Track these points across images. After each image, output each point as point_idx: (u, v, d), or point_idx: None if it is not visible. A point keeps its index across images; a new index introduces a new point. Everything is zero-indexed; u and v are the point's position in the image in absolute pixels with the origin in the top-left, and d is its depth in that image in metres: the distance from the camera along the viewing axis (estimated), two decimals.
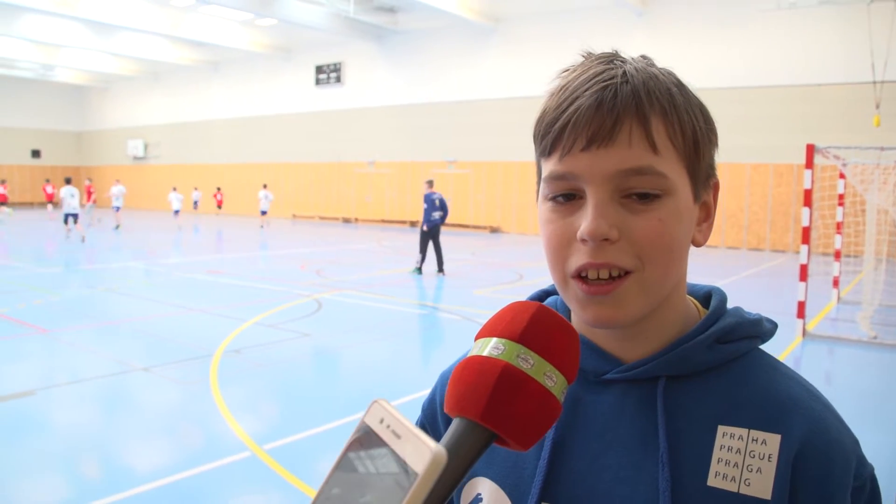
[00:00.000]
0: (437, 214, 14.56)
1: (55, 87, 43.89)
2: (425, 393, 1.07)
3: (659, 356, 0.86)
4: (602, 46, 0.92)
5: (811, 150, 9.36)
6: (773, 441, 0.80)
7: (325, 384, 7.27)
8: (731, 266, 17.28)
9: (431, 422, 1.02)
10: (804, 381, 0.87)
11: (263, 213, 28.21)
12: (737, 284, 14.15)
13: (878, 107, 16.76)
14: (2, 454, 5.02)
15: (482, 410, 0.64)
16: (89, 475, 4.75)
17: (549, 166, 0.83)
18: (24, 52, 34.58)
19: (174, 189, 30.65)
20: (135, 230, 26.97)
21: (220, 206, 33.23)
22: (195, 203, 33.80)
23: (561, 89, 0.83)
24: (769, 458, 0.79)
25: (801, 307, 9.14)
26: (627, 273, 0.80)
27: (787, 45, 20.67)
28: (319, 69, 32.66)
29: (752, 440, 0.80)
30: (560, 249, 0.83)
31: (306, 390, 6.96)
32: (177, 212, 29.18)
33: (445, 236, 24.33)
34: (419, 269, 14.75)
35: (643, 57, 0.88)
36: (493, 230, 27.65)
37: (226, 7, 25.81)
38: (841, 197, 12.59)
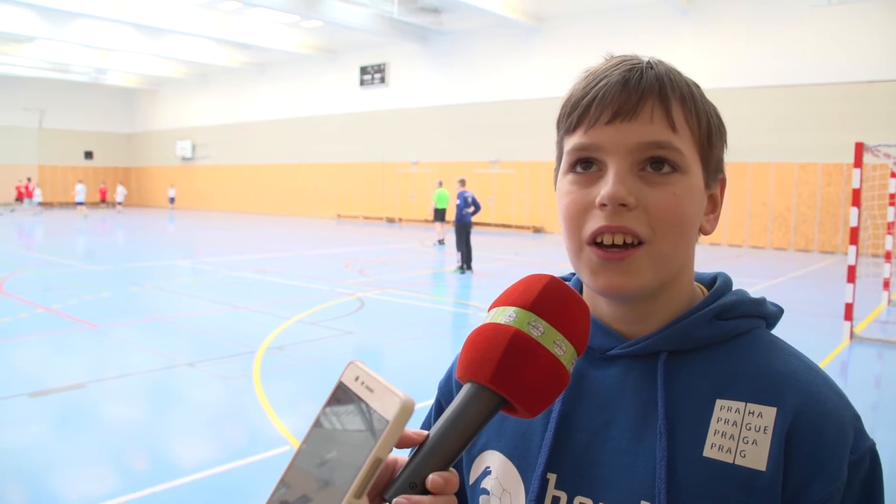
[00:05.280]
0: (468, 211, 14.91)
1: (107, 90, 44.87)
2: None
3: (661, 332, 0.89)
4: (647, 45, 0.99)
5: (860, 148, 9.17)
6: (769, 414, 0.82)
7: None
8: (777, 267, 16.99)
9: (447, 399, 1.05)
10: (804, 358, 0.88)
11: (80, 203, 34.66)
12: (784, 286, 13.92)
13: None
14: (52, 444, 5.19)
15: (491, 374, 0.68)
16: (136, 466, 4.87)
17: (573, 140, 0.88)
18: (78, 56, 35.42)
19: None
20: (185, 229, 27.50)
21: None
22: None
23: (588, 75, 0.90)
24: (765, 430, 0.81)
25: (849, 309, 8.95)
26: (640, 243, 0.84)
27: (836, 41, 20.21)
28: (364, 70, 32.87)
29: (749, 413, 0.82)
30: (577, 217, 0.87)
31: None
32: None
33: (489, 236, 24.36)
34: (462, 268, 14.78)
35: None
36: (537, 230, 27.54)
37: (272, 9, 26.11)
38: (892, 196, 12.28)
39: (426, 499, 0.64)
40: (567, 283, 1.01)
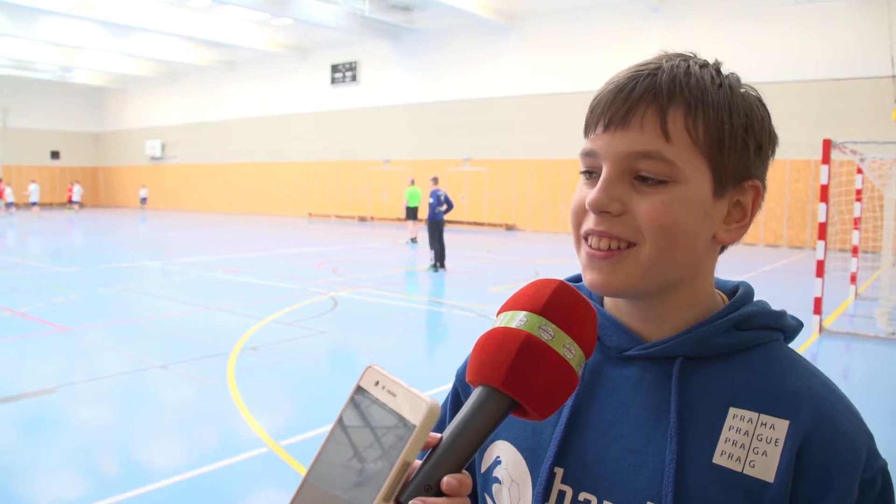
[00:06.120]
0: (441, 209, 15.02)
1: (74, 89, 44.22)
2: (442, 388, 1.10)
3: (678, 336, 0.89)
4: (618, 43, 0.98)
5: (828, 145, 9.30)
6: (782, 426, 0.82)
7: (342, 380, 7.31)
8: (748, 262, 17.18)
9: (464, 389, 1.06)
10: (822, 376, 0.89)
11: (34, 203, 34.27)
12: (753, 281, 13.95)
13: None
14: (22, 450, 5.11)
15: (504, 378, 0.69)
16: (108, 471, 4.81)
17: (583, 145, 0.92)
18: (44, 54, 34.87)
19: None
20: (155, 229, 27.22)
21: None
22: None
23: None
24: (776, 442, 0.81)
25: (818, 303, 9.09)
26: (630, 246, 0.86)
27: (806, 39, 20.50)
28: (335, 68, 32.75)
29: (762, 424, 0.83)
30: (578, 215, 0.91)
31: (323, 387, 7.01)
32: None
33: (461, 234, 24.39)
34: (435, 267, 14.78)
35: (709, 62, 0.92)
36: (509, 228, 27.64)
37: (241, 7, 25.94)
38: (858, 192, 12.48)
39: (441, 500, 0.65)
40: (574, 285, 1.03)
